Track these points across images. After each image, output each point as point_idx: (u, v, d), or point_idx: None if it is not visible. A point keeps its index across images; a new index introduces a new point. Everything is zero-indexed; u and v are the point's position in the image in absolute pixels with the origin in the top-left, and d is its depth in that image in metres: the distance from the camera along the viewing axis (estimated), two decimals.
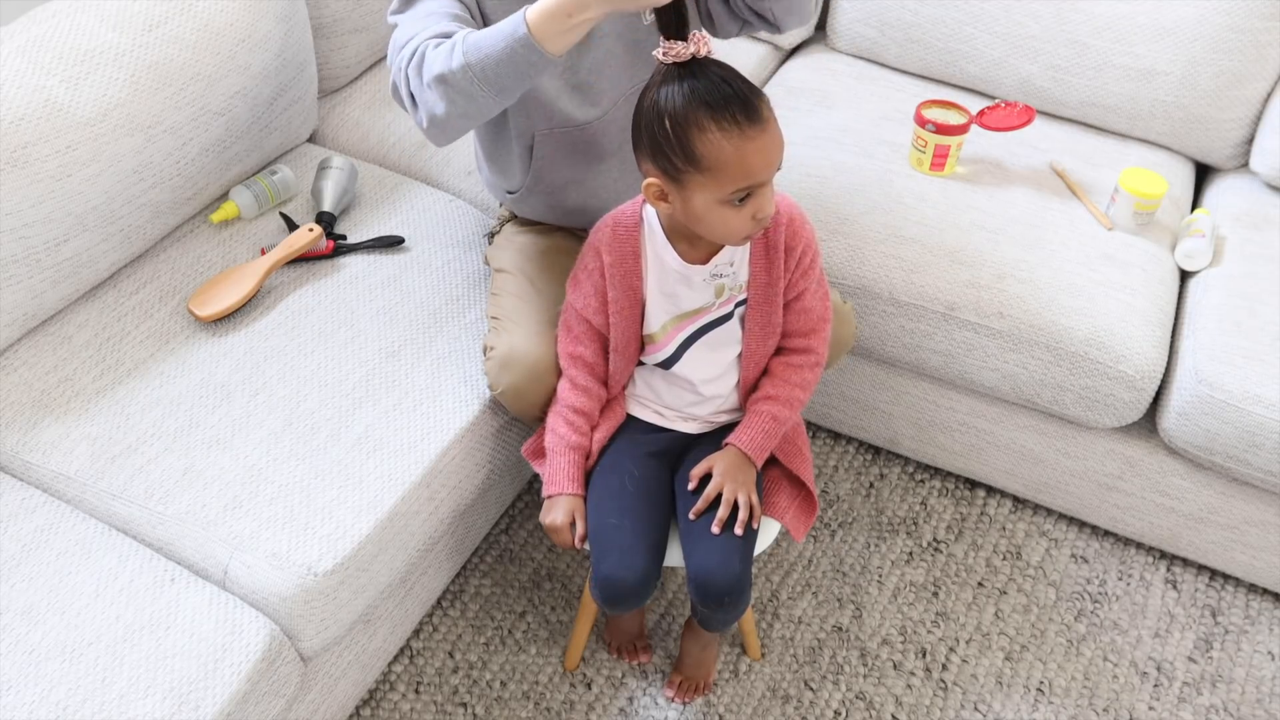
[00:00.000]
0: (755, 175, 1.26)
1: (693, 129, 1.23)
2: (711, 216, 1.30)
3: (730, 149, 1.23)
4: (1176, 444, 1.77)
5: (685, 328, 1.46)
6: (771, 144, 1.26)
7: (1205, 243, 1.86)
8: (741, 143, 1.23)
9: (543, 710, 1.75)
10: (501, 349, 1.55)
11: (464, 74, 1.27)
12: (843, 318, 1.66)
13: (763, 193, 1.28)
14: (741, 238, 1.33)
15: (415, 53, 1.32)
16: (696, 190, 1.27)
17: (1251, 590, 1.95)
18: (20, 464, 1.50)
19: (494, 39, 1.25)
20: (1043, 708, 1.78)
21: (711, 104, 1.23)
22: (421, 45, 1.32)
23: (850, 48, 2.29)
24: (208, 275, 1.73)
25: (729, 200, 1.27)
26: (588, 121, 1.55)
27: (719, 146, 1.23)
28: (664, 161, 1.27)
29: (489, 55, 1.25)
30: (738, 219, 1.29)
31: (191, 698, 1.27)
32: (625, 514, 1.46)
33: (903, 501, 2.07)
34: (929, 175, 1.97)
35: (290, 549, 1.39)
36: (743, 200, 1.28)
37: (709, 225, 1.31)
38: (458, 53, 1.26)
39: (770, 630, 1.86)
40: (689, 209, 1.30)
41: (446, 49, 1.28)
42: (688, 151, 1.25)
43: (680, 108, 1.24)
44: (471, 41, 1.27)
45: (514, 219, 1.74)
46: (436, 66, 1.28)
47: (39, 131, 1.52)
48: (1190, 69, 1.98)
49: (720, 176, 1.25)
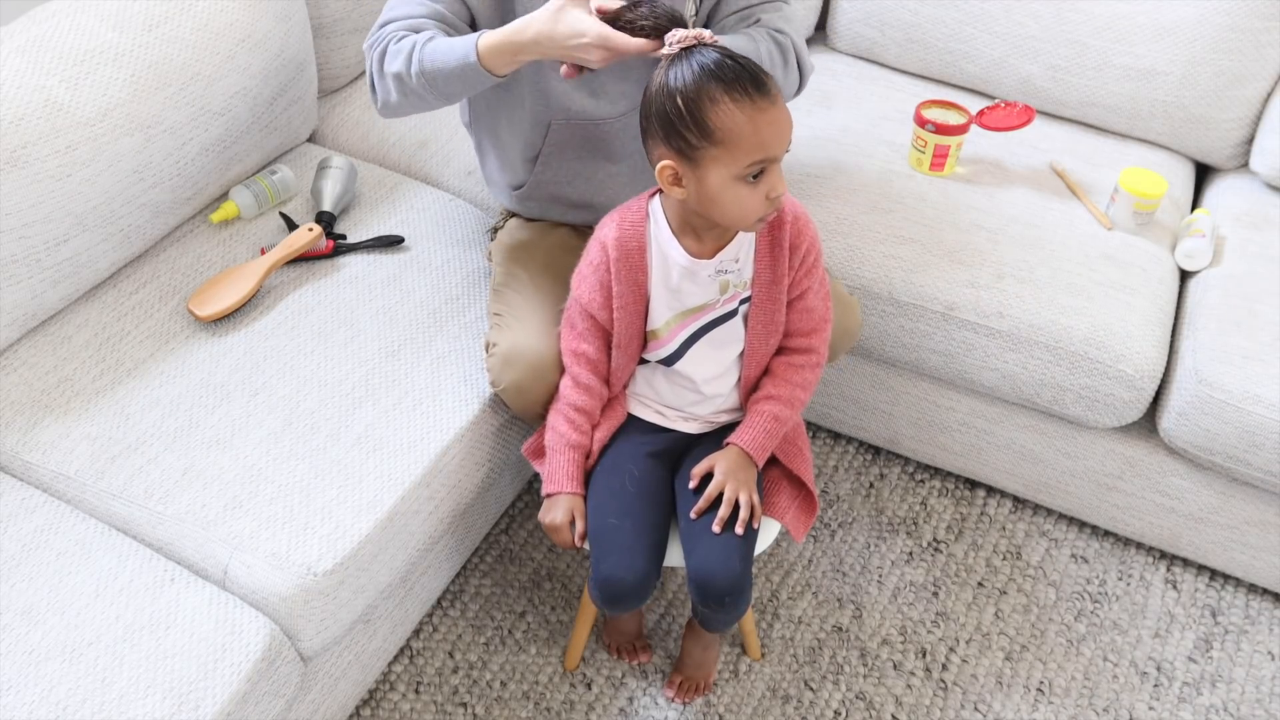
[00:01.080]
0: (769, 148, 1.27)
1: (705, 101, 1.25)
2: (726, 195, 1.30)
3: (744, 119, 1.24)
4: (1176, 444, 1.77)
5: (688, 325, 1.46)
6: (782, 117, 1.28)
7: (1205, 243, 1.86)
8: (754, 113, 1.25)
9: (543, 710, 1.75)
10: (504, 345, 1.55)
11: (417, 79, 1.43)
12: (847, 307, 1.66)
13: (775, 170, 1.29)
14: (755, 219, 1.33)
15: (383, 40, 1.46)
16: (712, 166, 1.28)
17: (1251, 590, 1.95)
18: (20, 464, 1.50)
19: (447, 56, 1.40)
20: (1043, 708, 1.78)
21: (722, 77, 1.24)
22: (390, 36, 1.45)
23: (850, 48, 2.29)
24: (207, 275, 1.73)
25: (744, 176, 1.28)
26: (603, 118, 1.57)
27: (733, 117, 1.24)
28: (678, 140, 1.28)
29: (440, 69, 1.41)
30: (752, 198, 1.29)
31: (191, 698, 1.27)
32: (625, 514, 1.45)
33: (903, 501, 2.07)
34: (929, 175, 1.97)
35: (290, 549, 1.39)
36: (756, 177, 1.28)
37: (724, 206, 1.31)
38: (415, 59, 1.42)
39: (770, 630, 1.86)
40: (704, 189, 1.30)
41: (406, 51, 1.42)
42: (701, 125, 1.25)
43: (691, 83, 1.25)
44: (428, 51, 1.41)
45: (514, 216, 1.75)
46: (395, 65, 1.43)
47: (39, 131, 1.52)
48: (1190, 69, 1.98)
49: (735, 149, 1.26)
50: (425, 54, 1.41)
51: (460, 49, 1.39)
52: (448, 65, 1.40)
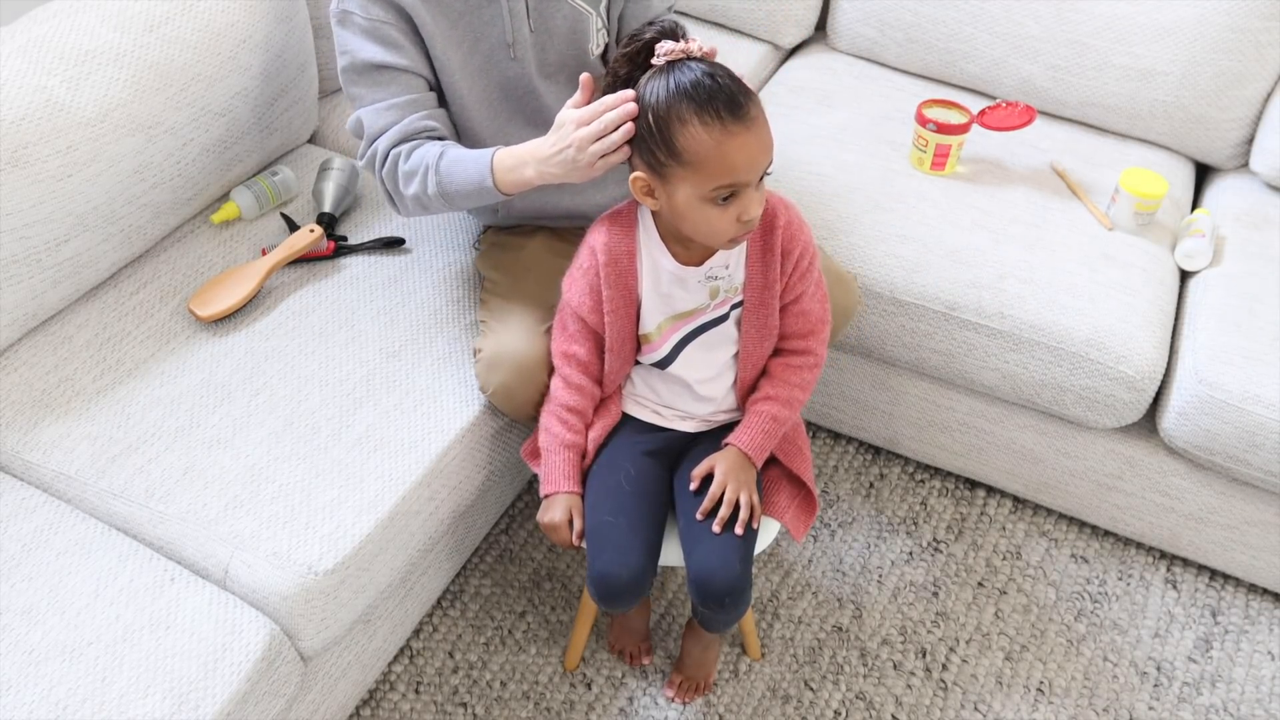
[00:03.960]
0: (737, 173, 1.25)
1: (674, 121, 1.24)
2: (695, 214, 1.29)
3: (710, 143, 1.23)
4: (1176, 444, 1.77)
5: (680, 328, 1.46)
6: (755, 143, 1.25)
7: (1205, 243, 1.86)
8: (723, 138, 1.23)
9: (543, 710, 1.75)
10: (489, 349, 1.56)
11: (437, 199, 1.49)
12: (845, 285, 1.66)
13: (748, 194, 1.27)
14: (726, 240, 1.32)
15: (388, 159, 1.50)
16: (679, 184, 1.27)
17: (1251, 590, 1.95)
18: (20, 464, 1.50)
19: (464, 180, 1.46)
20: (1043, 708, 1.78)
21: (694, 97, 1.23)
22: (393, 153, 1.50)
23: (850, 48, 2.29)
24: (208, 275, 1.73)
25: (712, 198, 1.27)
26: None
27: (699, 140, 1.23)
28: (648, 155, 1.28)
29: (459, 190, 1.47)
30: (721, 220, 1.29)
31: (191, 698, 1.27)
32: (621, 512, 1.45)
33: (903, 501, 2.07)
34: (929, 175, 1.97)
35: (291, 548, 1.39)
36: (726, 200, 1.27)
37: (693, 224, 1.31)
38: (431, 182, 1.48)
39: (770, 630, 1.86)
40: (673, 205, 1.30)
41: (421, 175, 1.48)
42: (669, 144, 1.25)
43: (663, 101, 1.24)
44: (444, 173, 1.47)
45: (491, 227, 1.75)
46: (413, 188, 1.50)
47: (39, 131, 1.52)
48: (1190, 69, 1.98)
49: (700, 171, 1.25)
50: (442, 176, 1.47)
51: (475, 174, 1.44)
52: (466, 187, 1.46)
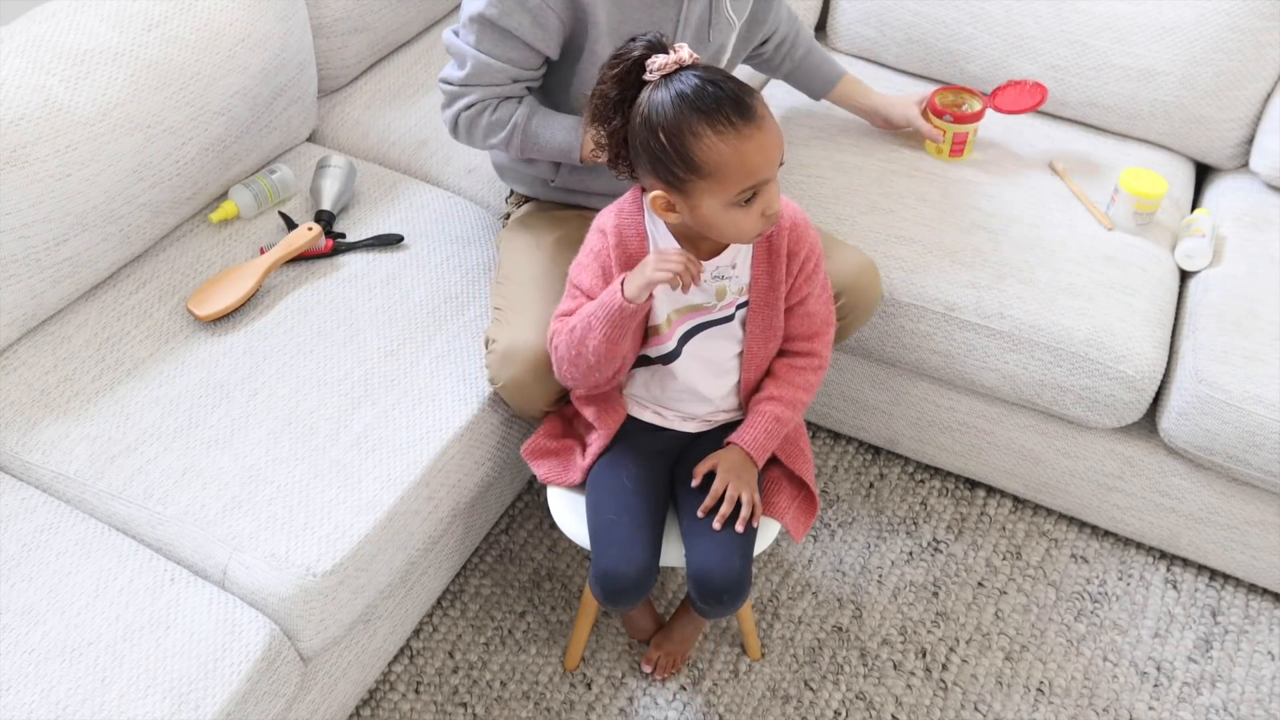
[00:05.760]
0: (757, 174, 1.25)
1: (687, 136, 1.23)
2: (721, 220, 1.29)
3: (729, 151, 1.23)
4: (1176, 444, 1.77)
5: (687, 320, 1.46)
6: (769, 140, 1.25)
7: (1205, 243, 1.86)
8: (739, 143, 1.23)
9: (543, 710, 1.75)
10: (504, 342, 1.55)
11: (514, 152, 1.58)
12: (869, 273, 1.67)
13: (768, 189, 1.28)
14: (753, 235, 1.33)
15: (471, 108, 1.55)
16: (703, 197, 1.27)
17: (1251, 590, 1.95)
18: (20, 464, 1.50)
19: (548, 143, 1.55)
20: (1043, 708, 1.78)
21: (701, 108, 1.22)
22: (479, 105, 1.55)
23: (850, 48, 2.29)
24: (207, 275, 1.73)
25: (736, 202, 1.27)
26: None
27: (717, 150, 1.23)
28: (665, 173, 1.27)
29: (539, 148, 1.56)
30: (747, 219, 1.29)
31: (191, 698, 1.27)
32: (624, 510, 1.46)
33: (903, 501, 2.07)
34: (949, 161, 1.99)
35: (289, 549, 1.39)
36: (749, 200, 1.27)
37: (720, 229, 1.31)
38: (515, 140, 1.56)
39: (770, 630, 1.86)
40: (698, 216, 1.30)
41: (505, 133, 1.56)
42: (687, 160, 1.24)
43: (672, 118, 1.23)
44: (531, 133, 1.55)
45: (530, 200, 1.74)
46: (493, 139, 1.58)
47: (39, 131, 1.52)
48: (1190, 69, 1.98)
49: (723, 180, 1.25)
50: (528, 136, 1.55)
51: (564, 142, 1.55)
52: (548, 147, 1.56)
